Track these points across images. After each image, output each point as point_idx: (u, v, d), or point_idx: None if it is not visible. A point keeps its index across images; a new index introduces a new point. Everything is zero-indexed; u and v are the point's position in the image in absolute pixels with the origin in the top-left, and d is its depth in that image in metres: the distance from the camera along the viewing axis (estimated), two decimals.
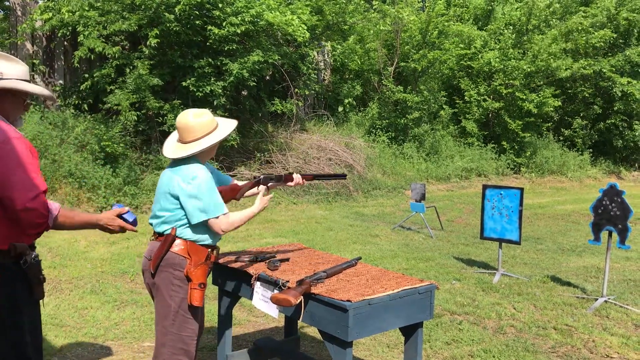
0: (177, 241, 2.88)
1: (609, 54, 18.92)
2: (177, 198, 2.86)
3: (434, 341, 4.56)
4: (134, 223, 2.72)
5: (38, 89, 2.50)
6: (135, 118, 10.08)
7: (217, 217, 2.86)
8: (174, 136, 3.07)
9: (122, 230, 2.67)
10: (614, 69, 18.16)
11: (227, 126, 3.05)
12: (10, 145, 2.25)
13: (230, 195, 3.17)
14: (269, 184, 3.28)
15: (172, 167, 2.96)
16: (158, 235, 2.94)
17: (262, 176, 3.28)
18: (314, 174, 3.60)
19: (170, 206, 2.89)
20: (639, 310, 5.43)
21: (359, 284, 2.91)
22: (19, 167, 2.25)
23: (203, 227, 2.93)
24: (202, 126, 2.92)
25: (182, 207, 2.87)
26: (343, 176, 3.88)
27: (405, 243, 8.38)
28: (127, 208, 2.72)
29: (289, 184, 3.36)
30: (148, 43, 10.03)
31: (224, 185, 3.22)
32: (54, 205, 2.37)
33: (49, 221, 2.33)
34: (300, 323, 4.35)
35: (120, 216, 2.67)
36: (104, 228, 2.64)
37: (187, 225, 2.90)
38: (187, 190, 2.83)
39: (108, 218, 2.64)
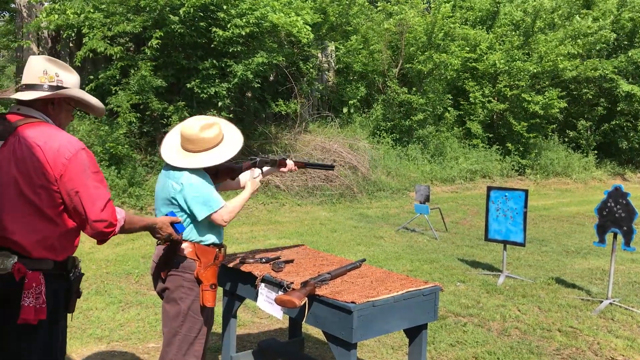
0: (184, 244, 2.88)
1: (613, 56, 18.88)
2: (176, 202, 2.86)
3: (438, 343, 4.55)
4: (182, 234, 2.80)
5: (97, 101, 2.51)
6: (134, 120, 10.09)
7: (217, 210, 2.88)
8: (174, 140, 3.03)
9: (168, 238, 2.71)
10: (616, 70, 18.11)
11: (231, 145, 3.02)
12: (78, 157, 2.25)
13: (227, 175, 3.19)
14: (264, 168, 3.34)
15: (167, 169, 2.96)
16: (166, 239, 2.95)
17: (258, 158, 3.30)
18: (305, 162, 3.74)
19: (170, 211, 2.90)
20: None
21: (363, 285, 2.91)
22: (88, 178, 2.25)
23: (207, 226, 2.93)
24: (208, 140, 2.92)
25: (182, 210, 2.88)
26: (331, 167, 4.01)
27: (409, 245, 8.37)
28: (180, 219, 2.79)
29: (282, 169, 3.44)
30: (150, 44, 10.06)
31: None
32: (120, 213, 2.38)
33: (116, 229, 2.33)
34: (304, 324, 4.35)
35: (172, 224, 2.71)
36: (155, 232, 2.67)
37: (192, 227, 2.90)
38: (184, 192, 2.84)
39: (163, 223, 2.68)
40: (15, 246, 2.20)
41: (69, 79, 2.40)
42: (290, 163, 3.45)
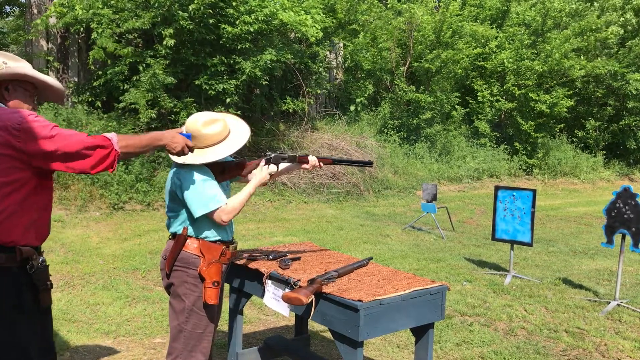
0: (189, 240, 2.87)
1: (618, 52, 18.78)
2: (177, 196, 2.86)
3: (444, 342, 4.54)
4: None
5: (53, 80, 2.44)
6: (154, 115, 10.13)
7: (214, 210, 2.81)
8: None
9: (181, 153, 2.61)
10: (624, 66, 18.02)
11: (238, 137, 2.95)
12: (29, 118, 2.20)
13: (236, 172, 3.06)
14: (280, 165, 3.10)
15: (174, 165, 2.96)
16: (172, 235, 2.95)
17: (273, 155, 3.05)
18: (334, 158, 3.35)
19: (174, 206, 2.90)
20: None
21: (370, 284, 2.91)
22: (52, 131, 2.20)
23: (210, 222, 2.90)
24: (212, 135, 2.86)
25: (183, 206, 2.87)
26: (369, 163, 3.48)
27: (416, 243, 8.36)
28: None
29: (304, 166, 3.20)
30: (165, 43, 10.07)
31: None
32: (109, 134, 2.30)
33: (115, 146, 2.26)
34: (310, 322, 4.36)
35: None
36: (167, 148, 2.57)
37: (196, 223, 2.89)
38: (183, 188, 2.83)
39: (173, 135, 2.58)
40: None
41: (17, 64, 2.35)
42: (313, 159, 3.19)
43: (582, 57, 17.33)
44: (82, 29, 10.58)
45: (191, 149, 2.65)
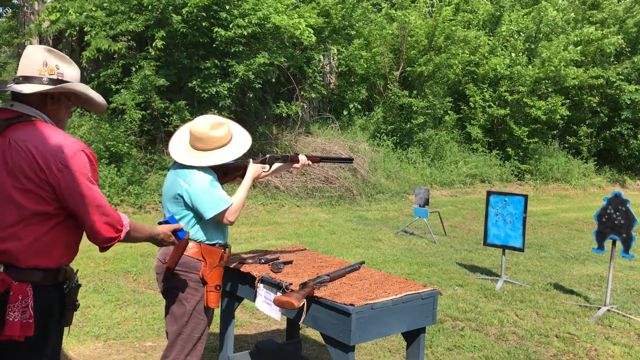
0: (191, 244, 2.87)
1: (615, 62, 18.88)
2: (182, 199, 2.86)
3: (435, 347, 4.55)
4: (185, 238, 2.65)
5: (99, 97, 2.31)
6: (140, 116, 10.11)
7: (223, 211, 2.86)
8: (183, 137, 3.02)
9: (172, 244, 2.57)
10: (621, 77, 18.12)
11: (242, 141, 3.04)
12: (76, 160, 2.07)
13: (237, 174, 3.16)
14: (274, 165, 3.32)
15: (175, 168, 2.96)
16: None
17: (267, 155, 3.29)
18: (321, 156, 3.68)
19: (177, 209, 2.89)
20: None
21: (362, 288, 2.91)
22: (88, 181, 2.09)
23: (213, 225, 2.93)
24: (219, 138, 2.92)
25: (188, 208, 2.87)
26: (349, 160, 3.99)
27: (408, 248, 8.37)
28: (182, 224, 2.62)
29: (295, 165, 3.39)
30: (154, 44, 10.07)
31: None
32: (125, 219, 2.22)
33: (122, 235, 2.19)
34: (302, 326, 4.35)
35: (174, 232, 2.55)
36: (158, 242, 2.49)
37: (197, 226, 2.90)
38: (190, 190, 2.83)
39: (165, 233, 2.50)
40: (2, 256, 2.04)
41: (70, 72, 2.20)
42: (303, 158, 3.39)
43: (580, 68, 17.35)
44: (75, 33, 10.57)
45: (173, 244, 2.60)
